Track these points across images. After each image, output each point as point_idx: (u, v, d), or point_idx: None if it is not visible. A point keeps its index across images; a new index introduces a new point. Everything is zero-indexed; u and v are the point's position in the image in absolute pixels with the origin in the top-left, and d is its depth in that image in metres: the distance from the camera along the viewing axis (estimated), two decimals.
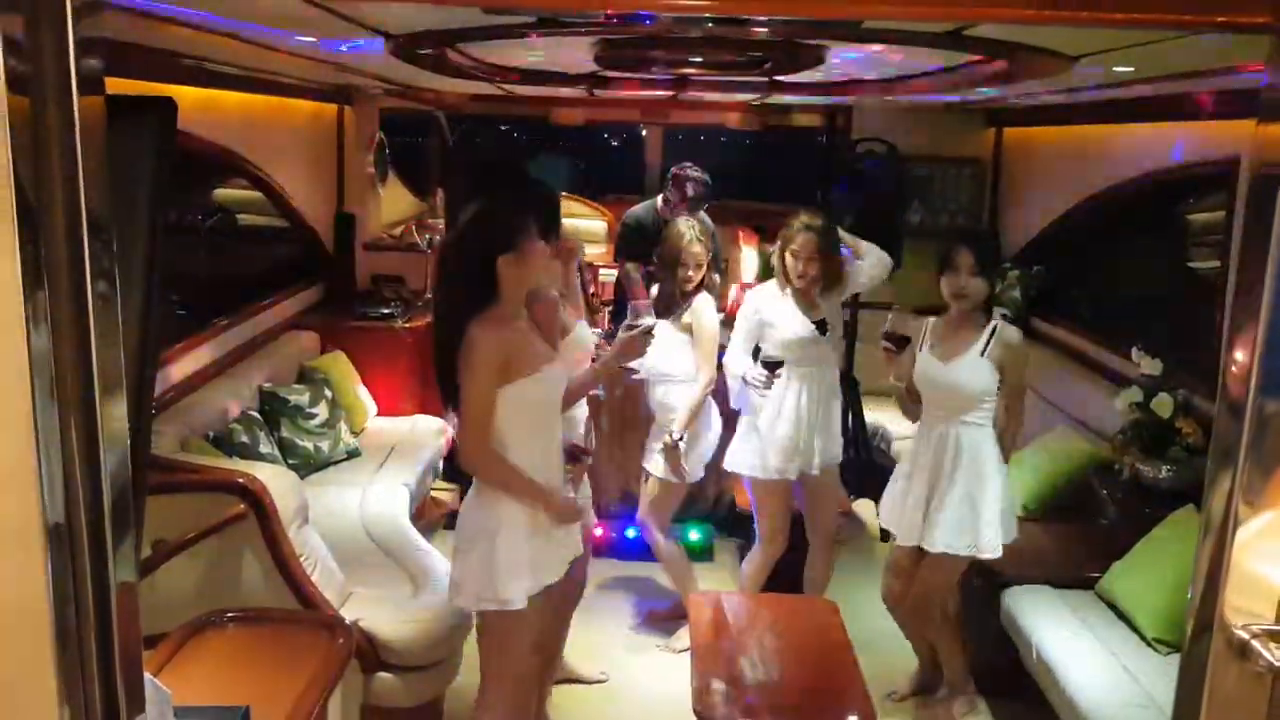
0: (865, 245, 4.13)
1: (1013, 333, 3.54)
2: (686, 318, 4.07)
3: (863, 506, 5.53)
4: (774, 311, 3.98)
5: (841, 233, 4.09)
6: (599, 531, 4.76)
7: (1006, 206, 6.34)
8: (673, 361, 4.04)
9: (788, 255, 3.90)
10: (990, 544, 3.49)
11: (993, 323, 3.52)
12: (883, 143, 5.37)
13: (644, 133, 8.97)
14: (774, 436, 3.98)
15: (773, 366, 3.90)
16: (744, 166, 9.09)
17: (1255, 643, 1.23)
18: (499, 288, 2.74)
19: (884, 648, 4.05)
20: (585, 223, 8.19)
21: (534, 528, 2.81)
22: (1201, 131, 4.13)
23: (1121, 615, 3.58)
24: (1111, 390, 4.42)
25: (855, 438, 5.32)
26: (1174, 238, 4.84)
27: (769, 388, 3.92)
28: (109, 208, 1.34)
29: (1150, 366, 4.08)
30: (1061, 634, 3.49)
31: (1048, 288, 5.82)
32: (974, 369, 3.49)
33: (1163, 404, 3.95)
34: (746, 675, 3.13)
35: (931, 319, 3.66)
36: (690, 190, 5.49)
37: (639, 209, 5.91)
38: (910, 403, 3.72)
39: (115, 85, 1.30)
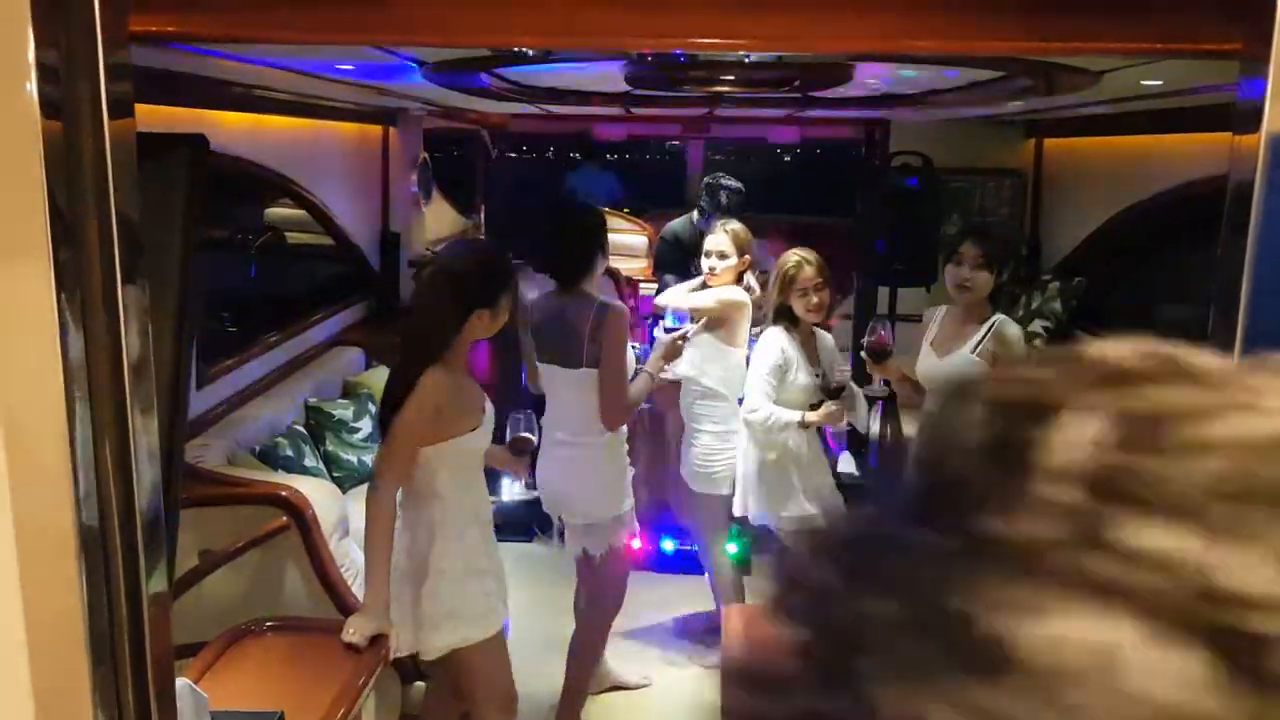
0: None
1: (1011, 330, 3.40)
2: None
3: None
4: (793, 355, 3.77)
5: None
6: (637, 544, 4.77)
7: (1047, 218, 6.29)
8: (706, 369, 4.03)
9: (794, 295, 3.74)
10: None
11: (993, 318, 3.41)
12: (919, 156, 5.37)
13: (684, 147, 9.05)
14: (799, 483, 3.82)
15: (836, 392, 3.67)
16: (783, 180, 9.12)
17: None
18: (460, 337, 2.77)
19: None
20: (625, 238, 8.27)
21: (467, 574, 2.81)
22: None
23: None
24: None
25: (892, 453, 5.31)
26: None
27: (843, 420, 3.75)
28: (141, 224, 1.42)
29: None
30: None
31: (1089, 299, 5.77)
32: (965, 366, 3.35)
33: None
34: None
35: (941, 309, 3.59)
36: (724, 199, 5.55)
37: (676, 223, 5.99)
38: (913, 394, 3.64)
39: (164, 114, 1.39)
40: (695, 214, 5.78)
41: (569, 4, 1.43)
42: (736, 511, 4.00)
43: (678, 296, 4.16)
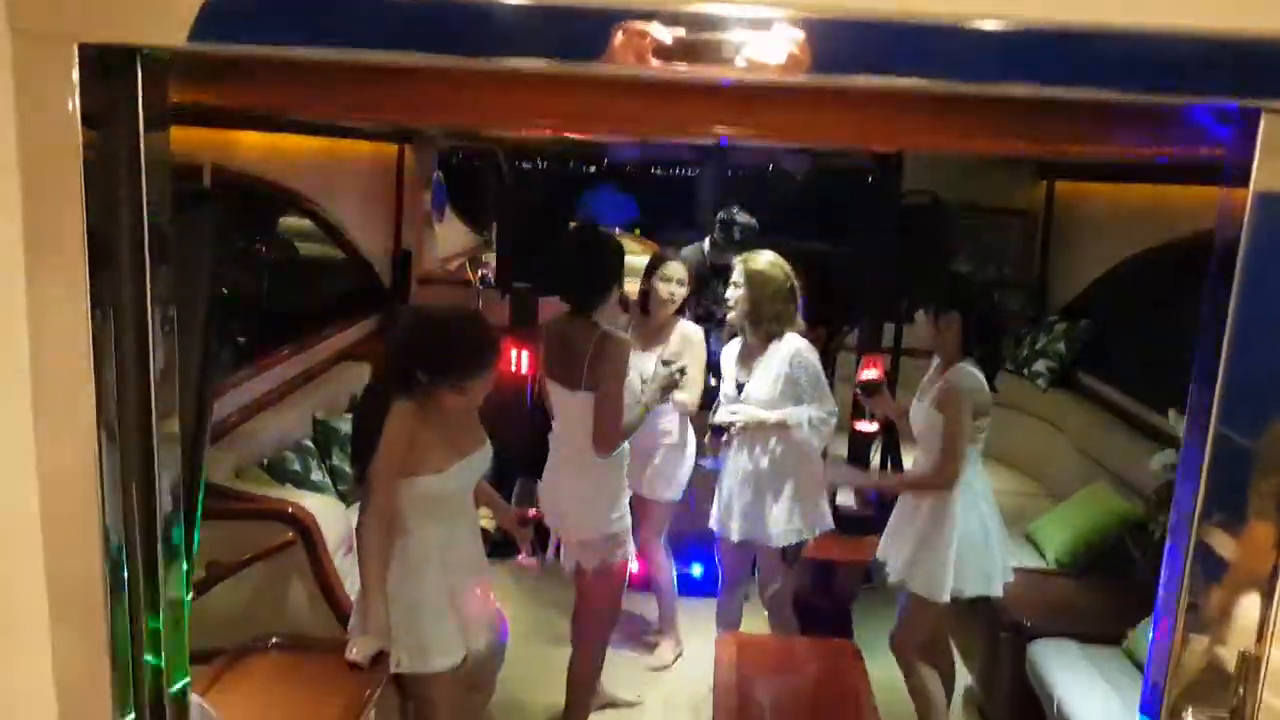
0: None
1: (958, 379, 3.37)
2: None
3: None
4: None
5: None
6: (635, 566, 4.70)
7: (1056, 259, 6.34)
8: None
9: None
10: (937, 588, 3.43)
11: (956, 366, 3.42)
12: (929, 194, 5.41)
13: (698, 173, 9.11)
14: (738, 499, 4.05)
15: (719, 431, 3.90)
16: (796, 205, 9.15)
17: None
18: (424, 388, 2.74)
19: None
20: (634, 259, 8.30)
21: (421, 610, 2.79)
22: None
23: None
24: (1151, 448, 4.41)
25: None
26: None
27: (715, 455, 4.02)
28: (171, 240, 1.47)
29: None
30: (1085, 690, 3.50)
31: (1093, 342, 5.81)
32: (923, 411, 3.50)
33: None
34: (766, 717, 3.20)
35: (936, 360, 3.61)
36: (737, 234, 5.63)
37: (687, 251, 6.03)
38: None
39: (181, 134, 1.44)
40: (707, 244, 5.83)
41: (589, 92, 1.46)
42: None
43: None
